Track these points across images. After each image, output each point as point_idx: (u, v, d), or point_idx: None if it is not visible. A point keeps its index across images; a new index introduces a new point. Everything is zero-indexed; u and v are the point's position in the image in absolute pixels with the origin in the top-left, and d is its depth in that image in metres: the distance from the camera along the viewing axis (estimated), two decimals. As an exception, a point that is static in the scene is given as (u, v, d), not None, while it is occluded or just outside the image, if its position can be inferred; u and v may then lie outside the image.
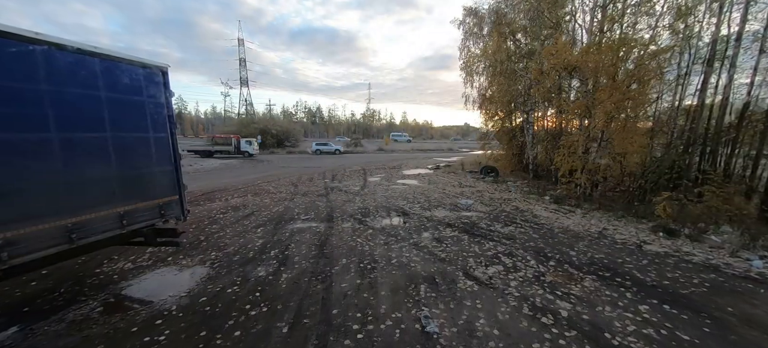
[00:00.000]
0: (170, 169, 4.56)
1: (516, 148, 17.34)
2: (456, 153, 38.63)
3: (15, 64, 3.02)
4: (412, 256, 5.47)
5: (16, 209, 3.02)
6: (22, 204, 3.06)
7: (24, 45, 3.07)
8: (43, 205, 3.19)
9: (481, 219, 8.10)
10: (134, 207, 4.02)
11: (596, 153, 10.85)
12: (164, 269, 5.18)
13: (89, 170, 3.57)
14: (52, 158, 3.25)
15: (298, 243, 6.19)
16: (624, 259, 5.39)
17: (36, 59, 3.15)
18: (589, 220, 8.20)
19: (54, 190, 3.25)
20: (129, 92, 3.98)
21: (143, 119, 4.15)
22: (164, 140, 4.49)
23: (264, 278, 4.69)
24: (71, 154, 3.40)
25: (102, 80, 3.71)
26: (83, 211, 3.48)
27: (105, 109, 3.73)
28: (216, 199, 10.23)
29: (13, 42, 3.00)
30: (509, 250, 5.84)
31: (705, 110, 11.20)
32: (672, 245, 6.19)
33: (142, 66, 4.19)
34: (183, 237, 5.34)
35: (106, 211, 3.70)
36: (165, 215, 4.48)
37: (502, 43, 14.57)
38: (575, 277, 4.68)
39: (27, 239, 3.08)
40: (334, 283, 4.46)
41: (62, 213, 3.31)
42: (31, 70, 3.12)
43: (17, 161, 3.03)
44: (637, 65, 9.08)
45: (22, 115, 3.06)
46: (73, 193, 3.41)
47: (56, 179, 3.27)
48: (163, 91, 4.48)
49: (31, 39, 3.11)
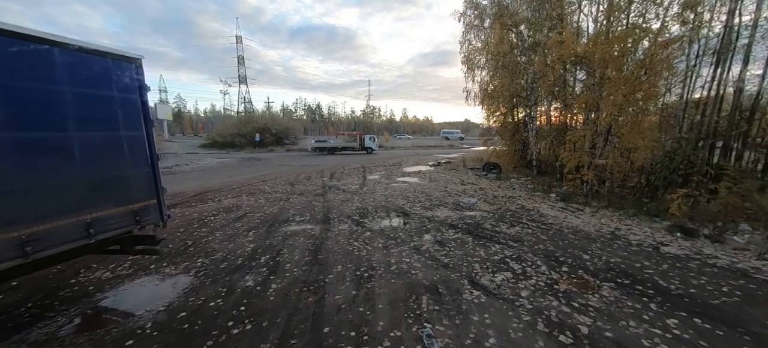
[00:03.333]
0: (146, 171, 4.15)
1: (519, 143, 16.88)
2: (457, 149, 38.19)
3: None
4: (412, 262, 5.07)
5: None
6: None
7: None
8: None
9: (486, 219, 7.69)
10: (104, 213, 3.61)
11: (602, 148, 10.41)
12: (145, 279, 4.79)
13: (47, 174, 3.16)
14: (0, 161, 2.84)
15: (291, 248, 5.79)
16: (642, 264, 4.98)
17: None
18: (600, 219, 7.79)
19: (1, 197, 2.84)
20: (95, 86, 3.56)
21: (113, 116, 3.74)
22: (139, 139, 4.08)
23: (251, 289, 4.29)
24: (24, 157, 2.99)
25: (62, 73, 3.29)
26: (40, 221, 3.07)
27: (67, 106, 3.31)
28: (209, 200, 9.84)
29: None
30: (517, 253, 5.44)
31: (717, 102, 10.76)
32: (692, 247, 5.78)
33: (111, 57, 3.76)
34: (163, 244, 4.93)
35: (69, 220, 3.29)
36: (141, 221, 4.08)
37: (504, 35, 14.06)
38: (592, 286, 4.27)
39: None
40: (328, 295, 4.06)
41: (14, 223, 2.90)
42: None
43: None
44: (648, 55, 8.60)
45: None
46: (28, 201, 3.00)
47: (4, 185, 2.86)
48: (136, 84, 4.06)
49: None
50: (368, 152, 31.90)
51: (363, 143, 32.59)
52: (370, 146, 32.59)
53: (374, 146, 33.08)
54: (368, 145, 32.58)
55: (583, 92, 10.80)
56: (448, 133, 64.78)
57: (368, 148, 32.44)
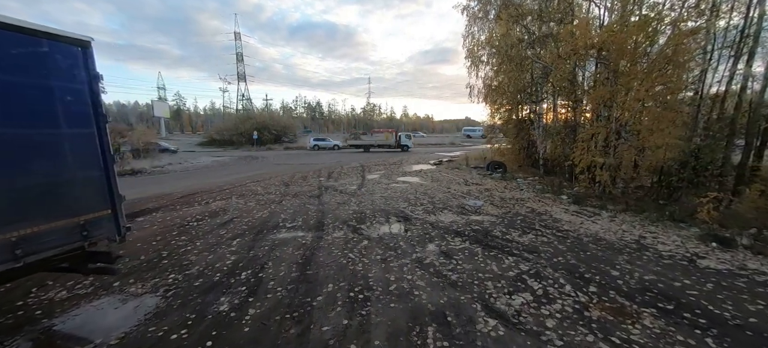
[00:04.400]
0: (97, 176, 3.46)
1: (524, 141, 16.16)
2: (458, 147, 37.46)
3: None
4: (415, 280, 4.39)
5: None
6: None
7: None
8: None
9: (495, 225, 7.01)
10: (35, 230, 2.93)
11: (615, 147, 9.68)
12: (105, 300, 4.13)
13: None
14: None
15: (278, 261, 5.11)
16: (682, 282, 4.29)
17: None
18: (619, 224, 7.09)
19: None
20: (20, 73, 2.86)
21: (48, 110, 3.05)
22: (87, 138, 3.39)
23: (224, 316, 3.62)
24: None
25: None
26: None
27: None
28: (195, 203, 9.17)
29: None
30: (535, 268, 4.75)
31: (741, 98, 10.03)
32: (732, 259, 5.09)
33: (46, 37, 3.06)
34: (119, 262, 4.25)
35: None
36: (90, 236, 3.39)
37: (511, 27, 13.31)
38: (629, 312, 3.59)
39: None
40: (314, 326, 3.38)
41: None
42: None
43: None
44: (672, 45, 7.86)
45: None
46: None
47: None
48: (83, 73, 3.36)
49: None
50: (404, 150, 32.11)
51: (399, 141, 32.89)
52: (406, 143, 32.89)
53: (410, 143, 33.44)
54: (404, 142, 32.91)
55: (597, 86, 10.07)
56: (469, 131, 64.11)
57: (404, 145, 32.67)
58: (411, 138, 34.65)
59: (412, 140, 34.63)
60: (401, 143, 32.67)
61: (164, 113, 51.51)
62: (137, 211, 8.28)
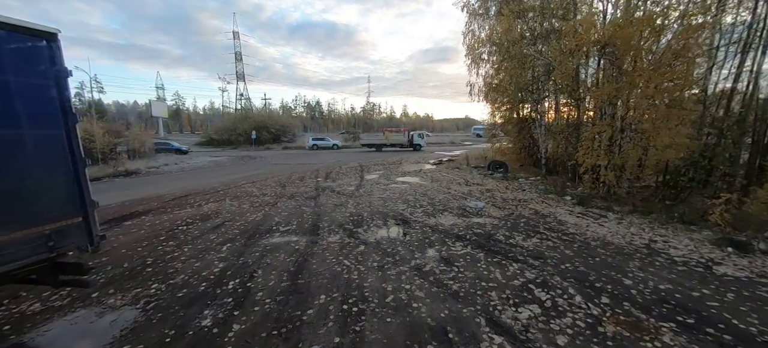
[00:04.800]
0: (64, 181, 3.17)
1: (525, 140, 15.85)
2: (459, 146, 37.16)
3: None
4: (414, 290, 4.10)
5: None
6: None
7: None
8: None
9: (497, 228, 6.71)
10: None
11: (620, 146, 9.38)
12: (80, 313, 3.84)
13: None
14: None
15: (268, 268, 4.82)
16: (701, 292, 4.00)
17: None
18: (628, 227, 6.80)
19: None
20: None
21: (6, 108, 2.76)
22: (54, 139, 3.10)
23: (206, 333, 3.33)
24: None
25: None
26: None
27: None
28: (187, 205, 8.87)
29: None
30: (541, 276, 4.46)
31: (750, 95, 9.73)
32: (751, 266, 4.79)
33: (8, 29, 2.77)
34: (93, 274, 3.96)
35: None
36: (57, 247, 3.11)
37: (512, 23, 12.99)
38: (646, 327, 3.29)
39: None
40: (302, 343, 3.09)
41: None
42: None
43: None
44: (681, 39, 7.55)
45: None
46: None
47: None
48: (49, 68, 3.08)
49: None
50: (416, 149, 32.18)
51: (412, 140, 33.02)
52: (419, 143, 32.97)
53: (422, 143, 33.53)
54: (417, 141, 32.98)
55: (601, 84, 9.77)
56: (479, 130, 64.01)
57: (417, 144, 32.72)
58: (423, 137, 34.61)
59: (424, 140, 34.73)
60: (414, 143, 32.77)
61: (162, 113, 51.10)
62: (126, 214, 8.00)
